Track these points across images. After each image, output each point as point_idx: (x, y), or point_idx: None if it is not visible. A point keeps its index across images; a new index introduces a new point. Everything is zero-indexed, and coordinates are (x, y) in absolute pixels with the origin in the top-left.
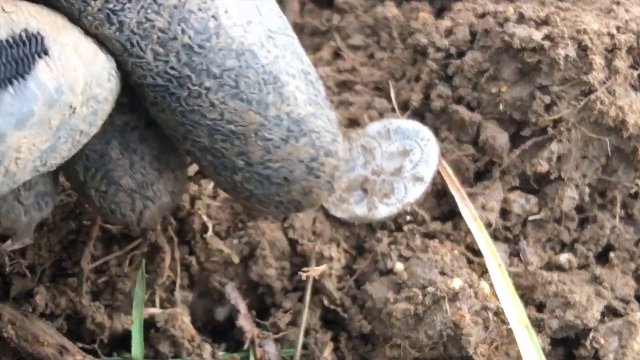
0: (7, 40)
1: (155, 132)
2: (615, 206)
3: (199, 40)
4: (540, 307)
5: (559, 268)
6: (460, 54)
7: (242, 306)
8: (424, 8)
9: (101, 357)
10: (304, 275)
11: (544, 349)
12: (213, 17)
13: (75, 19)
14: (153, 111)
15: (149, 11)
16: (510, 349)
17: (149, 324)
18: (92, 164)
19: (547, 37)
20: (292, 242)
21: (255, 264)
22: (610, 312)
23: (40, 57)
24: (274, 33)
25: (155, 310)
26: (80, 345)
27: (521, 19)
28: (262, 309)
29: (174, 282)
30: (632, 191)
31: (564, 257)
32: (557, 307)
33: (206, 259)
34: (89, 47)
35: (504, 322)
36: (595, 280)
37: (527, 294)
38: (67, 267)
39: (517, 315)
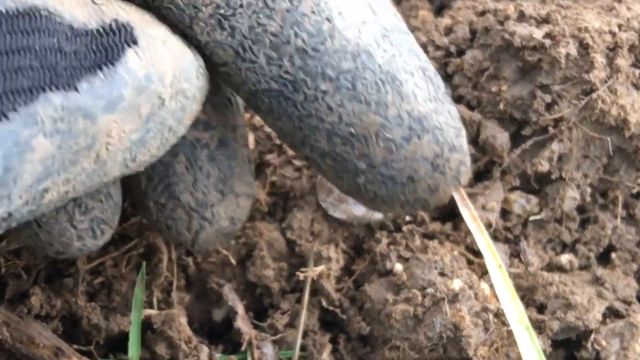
0: (97, 30)
1: (226, 154)
2: (617, 206)
3: (313, 43)
4: (541, 309)
5: (560, 269)
6: (460, 53)
7: (239, 307)
8: (423, 6)
9: (97, 359)
10: (302, 276)
11: (544, 351)
12: (327, 19)
13: (186, 26)
14: (269, 120)
15: (260, 15)
16: (510, 350)
17: (145, 326)
18: (155, 174)
19: (548, 35)
20: (290, 243)
21: (253, 265)
22: (612, 313)
23: (129, 46)
24: (389, 32)
25: (152, 312)
26: (75, 346)
27: (522, 17)
28: (259, 310)
29: (171, 283)
30: (634, 191)
31: (565, 258)
32: (558, 308)
33: (203, 259)
34: (177, 42)
35: (504, 323)
36: (597, 281)
37: (527, 295)
38: (62, 267)
39: (517, 316)
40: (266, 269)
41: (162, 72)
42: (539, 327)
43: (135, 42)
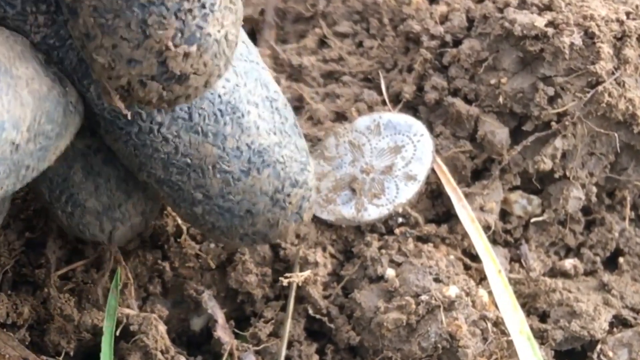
0: None
1: None
2: (625, 207)
3: None
4: (543, 317)
5: (564, 274)
6: (457, 42)
7: (219, 316)
8: None
9: None
10: (286, 282)
11: None
12: None
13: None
14: (108, 140)
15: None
16: None
17: (119, 335)
18: (55, 187)
19: (550, 23)
20: (274, 247)
21: (234, 270)
22: (620, 322)
23: None
24: (235, 60)
25: (131, 312)
26: (44, 357)
27: (523, 3)
28: (241, 319)
29: (146, 290)
30: None
31: (569, 263)
32: (561, 316)
33: (181, 264)
34: (44, 80)
35: (503, 333)
36: (603, 287)
37: (529, 303)
38: (27, 273)
39: (518, 325)
40: (248, 274)
41: (19, 118)
42: (541, 337)
43: None
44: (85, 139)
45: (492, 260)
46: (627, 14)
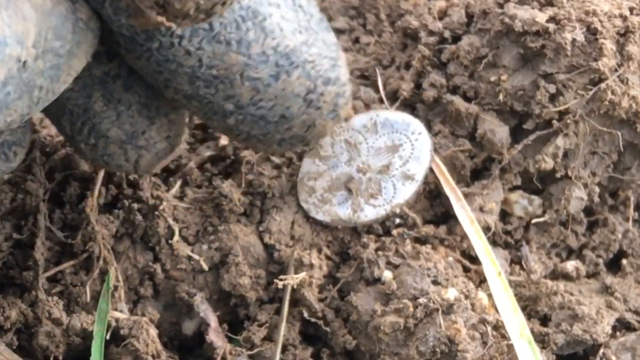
0: None
1: (141, 77)
2: (628, 208)
3: None
4: (544, 321)
5: (566, 277)
6: (456, 39)
7: (212, 319)
8: None
9: None
10: (281, 285)
11: None
12: None
13: None
14: (130, 59)
15: None
16: None
17: (109, 339)
18: (76, 118)
19: (552, 19)
20: (268, 248)
21: (227, 272)
22: (623, 325)
23: None
24: None
25: (121, 315)
26: None
27: None
28: (234, 322)
29: (136, 293)
30: None
31: (571, 265)
32: (563, 320)
33: (172, 266)
34: None
35: (504, 337)
36: (606, 290)
37: (529, 306)
38: (14, 275)
39: (518, 329)
40: (242, 276)
41: (22, 32)
42: (542, 341)
43: None
44: (102, 65)
45: (492, 262)
46: (631, 9)
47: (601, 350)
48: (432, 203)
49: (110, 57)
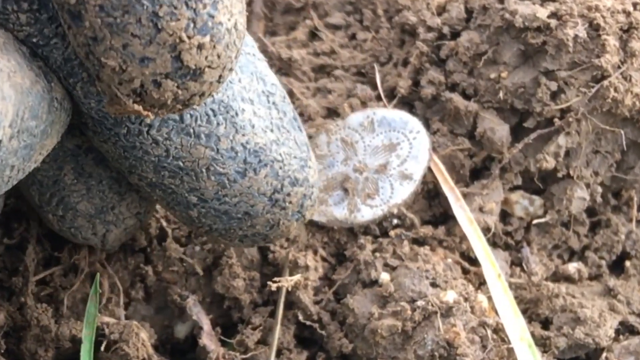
0: None
1: None
2: (632, 208)
3: None
4: (545, 324)
5: (567, 279)
6: (455, 35)
7: (205, 322)
8: None
9: None
10: (275, 287)
11: None
12: None
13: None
14: (96, 141)
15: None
16: None
17: (99, 343)
18: (46, 190)
19: (553, 14)
20: (262, 250)
21: (221, 274)
22: (626, 329)
23: None
24: None
25: (110, 320)
26: None
27: None
28: (228, 326)
29: (127, 296)
30: None
31: (572, 267)
32: (565, 323)
33: (164, 268)
34: (27, 73)
35: (504, 340)
36: (609, 292)
37: (530, 309)
38: (3, 278)
39: (519, 332)
40: (235, 278)
41: (0, 112)
42: (543, 345)
43: None
44: (75, 138)
45: (491, 263)
46: (635, 4)
47: (604, 354)
48: (431, 203)
49: (82, 131)
